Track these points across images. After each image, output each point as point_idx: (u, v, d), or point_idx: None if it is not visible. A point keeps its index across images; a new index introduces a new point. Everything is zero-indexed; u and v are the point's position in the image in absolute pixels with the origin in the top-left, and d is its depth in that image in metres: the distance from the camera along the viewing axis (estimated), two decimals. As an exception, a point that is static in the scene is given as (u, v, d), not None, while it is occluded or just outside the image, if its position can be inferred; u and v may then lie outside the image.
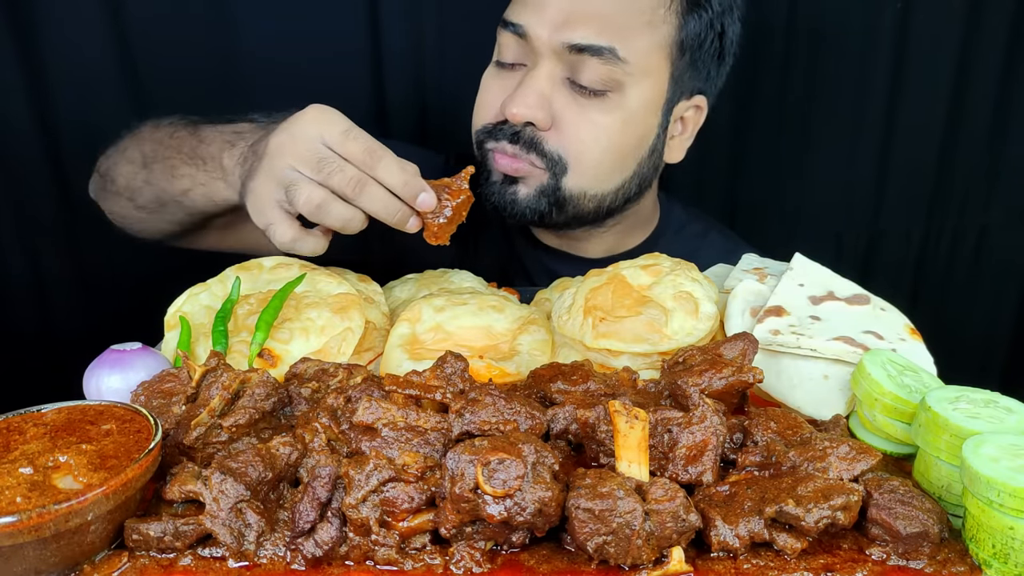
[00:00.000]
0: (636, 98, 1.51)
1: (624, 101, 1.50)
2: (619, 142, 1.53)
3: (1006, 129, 2.35)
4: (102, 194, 1.61)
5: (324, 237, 1.24)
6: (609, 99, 1.49)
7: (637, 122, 1.54)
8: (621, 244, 1.74)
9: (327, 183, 1.17)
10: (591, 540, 0.81)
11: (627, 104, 1.51)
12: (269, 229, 1.21)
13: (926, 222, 2.47)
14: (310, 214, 1.18)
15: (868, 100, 2.30)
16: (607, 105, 1.49)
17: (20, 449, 0.85)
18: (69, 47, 1.95)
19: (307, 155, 1.17)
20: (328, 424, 0.94)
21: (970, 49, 2.25)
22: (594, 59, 1.45)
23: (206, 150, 1.38)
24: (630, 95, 1.50)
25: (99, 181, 1.61)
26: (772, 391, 1.15)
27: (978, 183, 2.41)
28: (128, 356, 1.11)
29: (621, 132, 1.52)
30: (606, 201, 1.59)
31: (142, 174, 1.49)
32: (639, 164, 1.59)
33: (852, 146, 2.36)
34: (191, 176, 1.40)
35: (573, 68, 1.47)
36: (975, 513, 0.84)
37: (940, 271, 2.52)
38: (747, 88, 2.25)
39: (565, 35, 1.44)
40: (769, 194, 2.42)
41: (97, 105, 2.00)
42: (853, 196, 2.43)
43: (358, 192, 1.17)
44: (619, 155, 1.55)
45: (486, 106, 1.56)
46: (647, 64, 1.50)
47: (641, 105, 1.53)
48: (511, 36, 1.51)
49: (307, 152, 1.17)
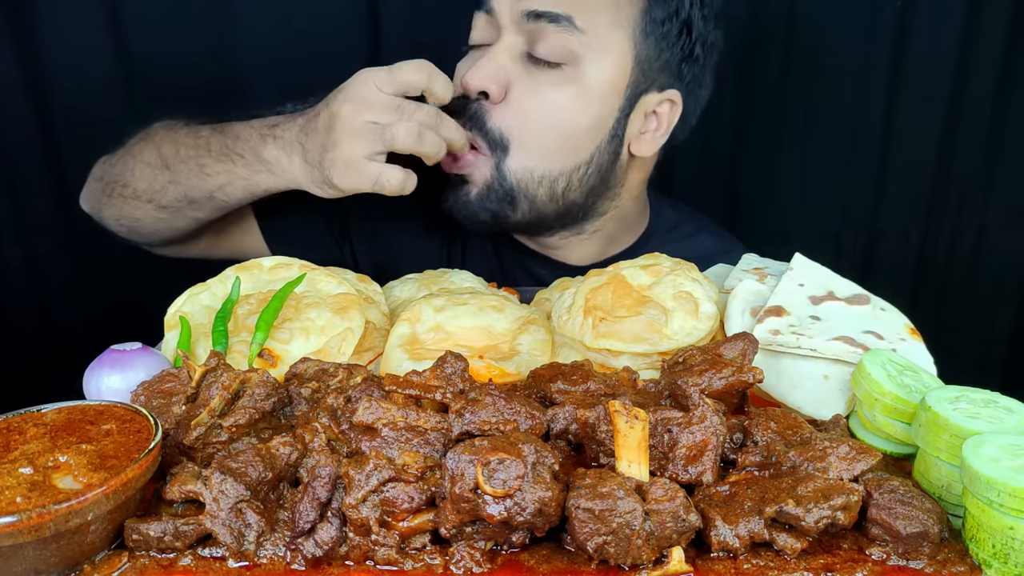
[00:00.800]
0: (593, 75, 1.49)
1: (579, 76, 1.48)
2: (569, 119, 1.51)
3: (1005, 129, 2.35)
4: (105, 200, 1.60)
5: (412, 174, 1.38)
6: (564, 71, 1.48)
7: (592, 100, 1.51)
8: (607, 250, 1.71)
9: (413, 119, 1.33)
10: (591, 540, 0.81)
11: (583, 79, 1.49)
12: (380, 179, 1.33)
13: (925, 222, 2.47)
14: (411, 147, 1.34)
15: (867, 100, 2.30)
16: (561, 78, 1.48)
17: (20, 449, 0.85)
18: (68, 46, 1.96)
19: (381, 107, 1.32)
20: (328, 424, 0.94)
21: (969, 49, 2.25)
22: (551, 26, 1.45)
23: (242, 146, 1.43)
24: (587, 71, 1.48)
25: (100, 187, 1.61)
26: (772, 391, 1.15)
27: (977, 183, 2.42)
28: (128, 356, 1.11)
29: (572, 108, 1.50)
30: (559, 185, 1.54)
31: (165, 175, 1.50)
32: (597, 147, 1.55)
33: (851, 146, 2.36)
34: (227, 171, 1.44)
35: (531, 39, 1.47)
36: (975, 513, 0.84)
37: (940, 271, 2.53)
38: (747, 87, 2.26)
39: (524, 3, 1.45)
40: (769, 194, 2.42)
41: (96, 105, 2.01)
42: (852, 196, 2.43)
43: (439, 121, 1.38)
44: (568, 132, 1.52)
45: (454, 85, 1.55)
46: (608, 40, 1.49)
47: (599, 83, 1.50)
48: (482, 16, 1.53)
49: (380, 104, 1.32)
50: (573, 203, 1.59)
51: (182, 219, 1.55)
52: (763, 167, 2.39)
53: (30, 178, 2.04)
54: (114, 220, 1.62)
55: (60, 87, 1.99)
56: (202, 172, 1.46)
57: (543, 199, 1.55)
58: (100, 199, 1.62)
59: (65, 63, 1.97)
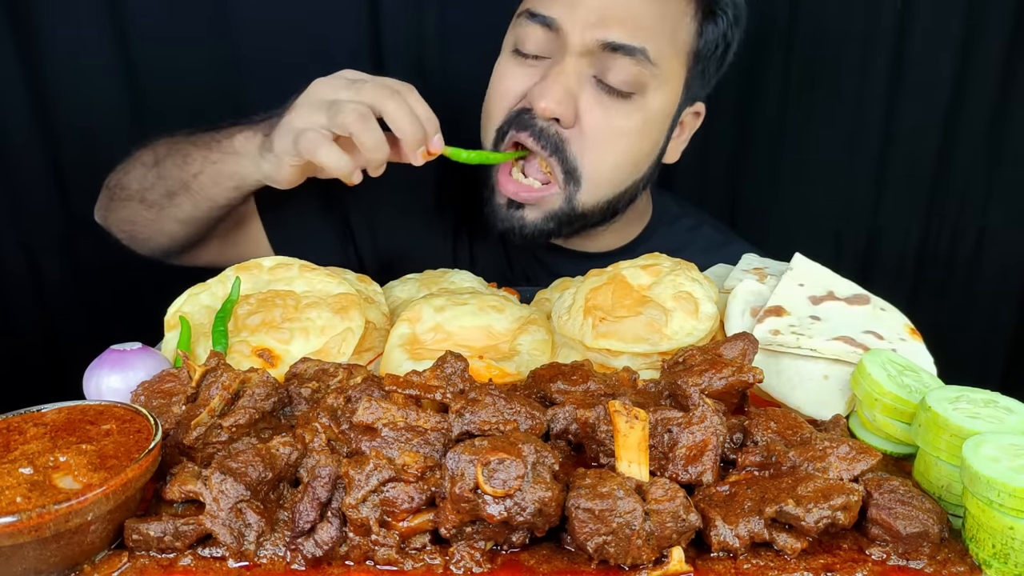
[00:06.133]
0: (657, 103, 1.52)
1: (645, 104, 1.51)
2: (637, 147, 1.54)
3: (1005, 129, 2.34)
4: (110, 205, 1.62)
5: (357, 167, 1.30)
6: (633, 102, 1.50)
7: (654, 127, 1.56)
8: (618, 240, 1.74)
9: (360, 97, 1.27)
10: (591, 540, 0.81)
11: (648, 108, 1.52)
12: (315, 152, 1.26)
13: (925, 222, 2.46)
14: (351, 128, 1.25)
15: (868, 100, 2.30)
16: (630, 108, 1.50)
17: (20, 449, 0.85)
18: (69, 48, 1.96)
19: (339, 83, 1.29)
20: (328, 424, 0.94)
21: (970, 49, 2.25)
22: (626, 59, 1.45)
23: (222, 135, 1.44)
24: (652, 99, 1.51)
25: (107, 194, 1.63)
26: (772, 391, 1.15)
27: (977, 183, 2.41)
28: (128, 356, 1.11)
29: (640, 137, 1.53)
30: (613, 203, 1.60)
31: (154, 171, 1.52)
32: (649, 167, 1.62)
33: (852, 146, 2.36)
34: (202, 158, 1.44)
35: (602, 67, 1.47)
36: (975, 513, 0.84)
37: (940, 271, 2.52)
38: (748, 88, 2.26)
39: (600, 33, 1.44)
40: (769, 194, 2.42)
41: (97, 106, 2.00)
42: (853, 196, 2.42)
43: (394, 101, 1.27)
44: (634, 160, 1.56)
45: (506, 94, 1.54)
46: (669, 70, 1.52)
47: (660, 110, 1.54)
48: (538, 27, 1.49)
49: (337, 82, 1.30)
50: (617, 211, 1.63)
51: (167, 220, 1.54)
52: (763, 167, 2.38)
53: (30, 178, 2.04)
54: (117, 227, 1.64)
55: (60, 87, 1.98)
56: (183, 162, 1.47)
57: (597, 216, 1.60)
58: (106, 207, 1.64)
59: (67, 64, 1.97)
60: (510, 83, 1.54)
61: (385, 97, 1.28)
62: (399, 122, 1.29)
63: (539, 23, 1.49)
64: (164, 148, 1.53)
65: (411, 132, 1.29)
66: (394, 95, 1.28)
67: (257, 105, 1.51)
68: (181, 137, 1.52)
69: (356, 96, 1.28)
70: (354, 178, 1.30)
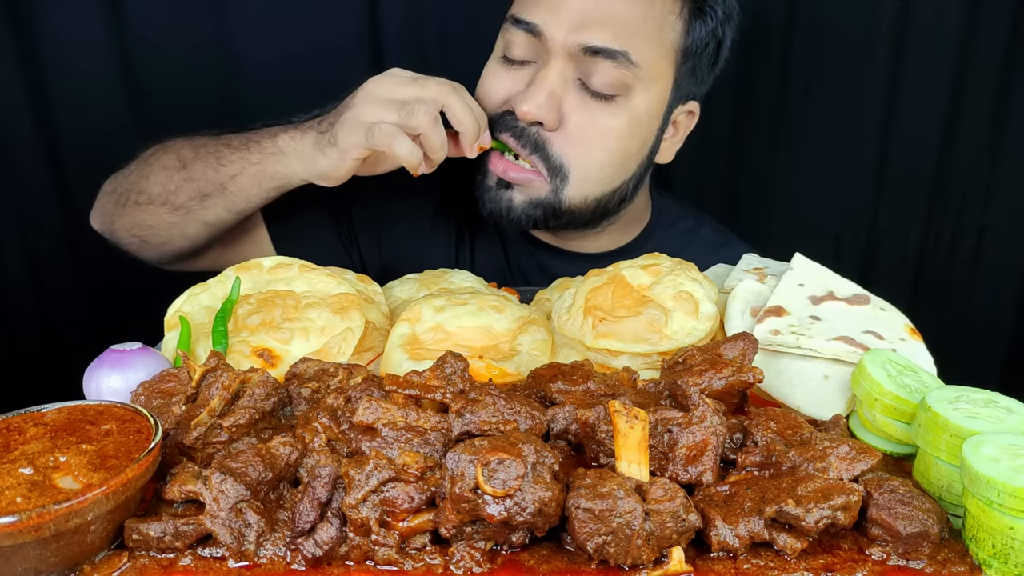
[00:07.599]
0: (642, 103, 1.52)
1: (630, 105, 1.51)
2: (623, 146, 1.55)
3: (1005, 129, 2.34)
4: (118, 211, 1.59)
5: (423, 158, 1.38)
6: (617, 103, 1.50)
7: (641, 126, 1.55)
8: (617, 241, 1.75)
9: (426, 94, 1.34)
10: (591, 540, 0.81)
11: (633, 108, 1.52)
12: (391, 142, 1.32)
13: (925, 222, 2.47)
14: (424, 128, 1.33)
15: (867, 100, 2.30)
16: (614, 109, 1.50)
17: (20, 449, 0.85)
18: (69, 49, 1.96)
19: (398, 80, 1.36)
20: (328, 424, 0.94)
21: (969, 49, 2.25)
22: (608, 62, 1.46)
23: (260, 135, 1.46)
24: (637, 100, 1.51)
25: (112, 200, 1.61)
26: (772, 391, 1.15)
27: (977, 183, 2.41)
28: (128, 356, 1.11)
29: (626, 136, 1.54)
30: (603, 203, 1.60)
31: (181, 174, 1.51)
32: (639, 167, 1.61)
33: (851, 146, 2.36)
34: (241, 159, 1.46)
35: (585, 70, 1.47)
36: (975, 513, 0.84)
37: (939, 271, 2.52)
38: (747, 88, 2.26)
39: (582, 36, 1.45)
40: (769, 194, 2.42)
41: (97, 107, 2.01)
42: (852, 196, 2.43)
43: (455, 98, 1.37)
44: (621, 159, 1.56)
45: (490, 95, 1.56)
46: (655, 70, 1.52)
47: (646, 110, 1.54)
48: (521, 33, 1.50)
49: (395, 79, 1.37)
50: (609, 211, 1.64)
51: (193, 223, 1.53)
52: (763, 167, 2.39)
53: (31, 178, 2.04)
54: (126, 232, 1.61)
55: (60, 87, 1.99)
56: (218, 164, 1.47)
57: (587, 214, 1.60)
58: (112, 212, 1.61)
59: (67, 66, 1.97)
60: (492, 84, 1.56)
61: (448, 94, 1.36)
62: (461, 118, 1.38)
63: (523, 29, 1.50)
64: (189, 151, 1.52)
65: (471, 128, 1.40)
66: (454, 92, 1.37)
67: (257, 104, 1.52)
68: (206, 139, 1.52)
69: (421, 93, 1.35)
70: (421, 169, 1.37)
